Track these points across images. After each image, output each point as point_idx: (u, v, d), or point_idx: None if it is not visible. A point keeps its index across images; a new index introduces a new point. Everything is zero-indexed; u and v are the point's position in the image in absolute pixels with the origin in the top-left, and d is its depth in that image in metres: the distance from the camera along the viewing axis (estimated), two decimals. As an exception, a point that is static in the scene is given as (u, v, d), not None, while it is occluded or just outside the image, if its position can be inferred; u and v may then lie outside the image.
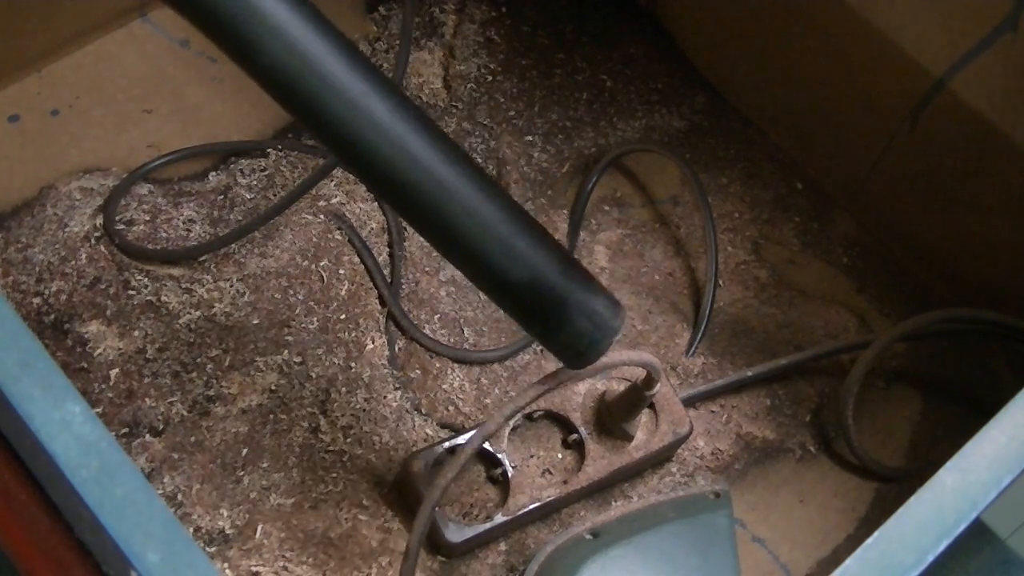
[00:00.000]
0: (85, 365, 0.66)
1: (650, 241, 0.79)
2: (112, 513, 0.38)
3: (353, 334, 0.71)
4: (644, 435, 0.67)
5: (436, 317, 0.73)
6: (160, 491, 0.62)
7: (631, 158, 0.82)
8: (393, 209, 0.47)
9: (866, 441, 0.72)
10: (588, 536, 0.64)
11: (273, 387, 0.68)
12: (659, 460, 0.69)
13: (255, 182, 0.75)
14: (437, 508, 0.61)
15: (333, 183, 0.76)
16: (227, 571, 0.61)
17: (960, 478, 0.44)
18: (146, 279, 0.69)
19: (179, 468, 0.63)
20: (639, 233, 0.80)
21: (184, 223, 0.72)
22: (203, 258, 0.70)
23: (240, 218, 0.74)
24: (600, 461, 0.66)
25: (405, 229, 0.76)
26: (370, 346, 0.72)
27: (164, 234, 0.71)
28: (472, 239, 0.46)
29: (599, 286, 0.49)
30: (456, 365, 0.72)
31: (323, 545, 0.64)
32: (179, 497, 0.63)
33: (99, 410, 0.64)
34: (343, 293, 0.72)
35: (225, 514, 0.63)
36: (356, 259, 0.74)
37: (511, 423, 0.66)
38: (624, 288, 0.77)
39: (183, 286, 0.69)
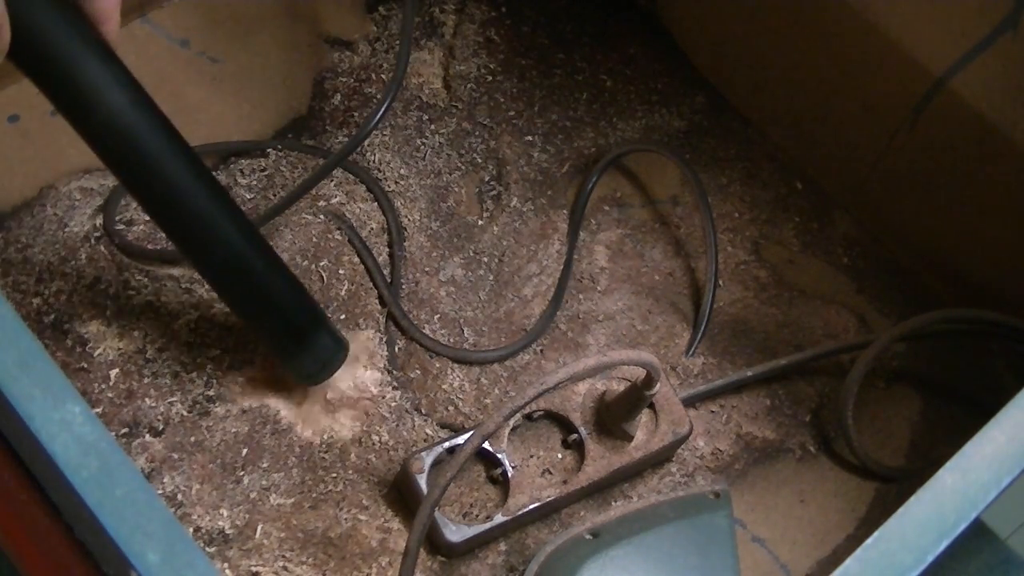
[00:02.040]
0: (85, 365, 0.66)
1: (650, 241, 0.79)
2: (112, 513, 0.38)
3: (353, 334, 0.71)
4: (644, 435, 0.67)
5: (436, 317, 0.73)
6: (160, 491, 0.62)
7: (631, 158, 0.82)
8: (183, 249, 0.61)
9: (866, 441, 0.72)
10: (588, 536, 0.64)
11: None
12: (659, 460, 0.70)
13: (255, 182, 0.75)
14: (437, 508, 0.61)
15: (333, 183, 0.76)
16: (227, 571, 0.61)
17: (960, 478, 0.44)
18: (146, 279, 0.69)
19: (179, 468, 0.63)
20: (639, 233, 0.80)
21: (184, 223, 0.72)
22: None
23: (240, 218, 0.74)
24: (600, 461, 0.66)
25: (405, 229, 0.76)
26: (370, 346, 0.72)
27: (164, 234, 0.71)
28: (248, 286, 0.60)
29: (331, 324, 0.65)
30: (456, 365, 0.72)
31: (323, 545, 0.64)
32: (179, 497, 0.63)
33: (99, 410, 0.64)
34: (343, 293, 0.72)
35: (225, 514, 0.63)
36: (356, 259, 0.74)
37: (511, 423, 0.66)
38: (624, 288, 0.77)
39: (183, 286, 0.69)
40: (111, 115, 0.52)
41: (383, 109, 0.70)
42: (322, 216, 0.74)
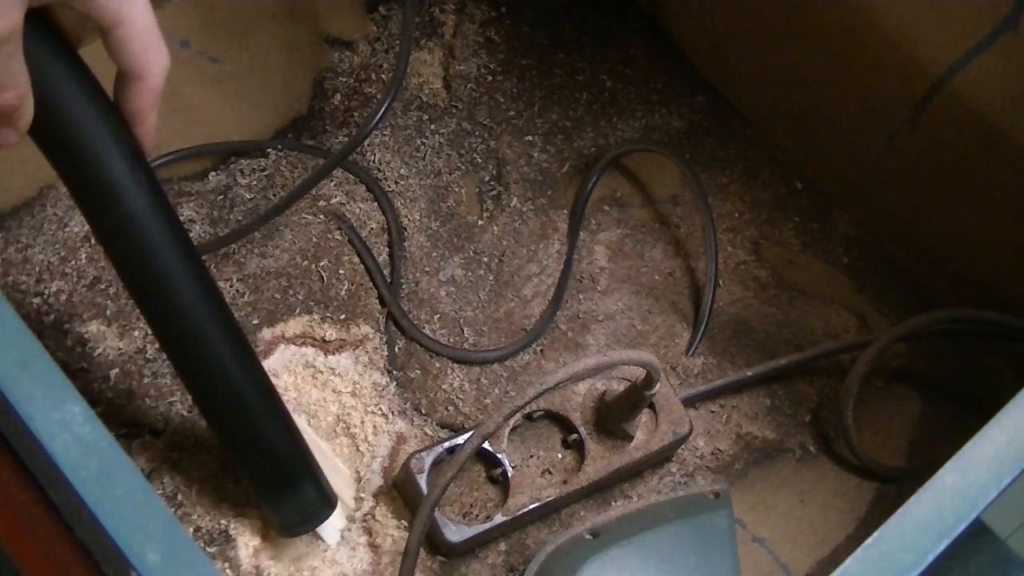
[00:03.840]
0: (85, 365, 0.66)
1: (650, 241, 0.79)
2: (112, 513, 0.38)
3: (353, 334, 0.71)
4: (644, 435, 0.67)
5: (436, 317, 0.73)
6: (160, 491, 0.62)
7: (631, 158, 0.82)
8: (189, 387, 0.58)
9: (866, 441, 0.72)
10: (588, 536, 0.64)
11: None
12: (659, 460, 0.70)
13: (255, 182, 0.75)
14: (437, 508, 0.61)
15: (333, 183, 0.76)
16: (227, 571, 0.61)
17: (960, 478, 0.44)
18: (146, 279, 0.69)
19: (179, 468, 0.63)
20: (639, 233, 0.80)
21: (184, 223, 0.72)
22: (203, 258, 0.70)
23: (240, 218, 0.74)
24: (600, 461, 0.66)
25: (405, 229, 0.76)
26: (370, 346, 0.72)
27: (164, 234, 0.71)
28: (240, 425, 0.57)
29: (322, 476, 0.61)
30: (456, 365, 0.72)
31: (323, 545, 0.64)
32: (179, 497, 0.63)
33: (99, 410, 0.64)
34: (343, 293, 0.72)
35: (225, 514, 0.63)
36: (356, 259, 0.74)
37: (511, 423, 0.66)
38: (624, 288, 0.77)
39: (183, 286, 0.69)
40: (126, 219, 0.50)
41: (383, 109, 0.70)
42: (322, 216, 0.74)
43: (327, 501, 0.61)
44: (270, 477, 0.58)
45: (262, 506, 0.61)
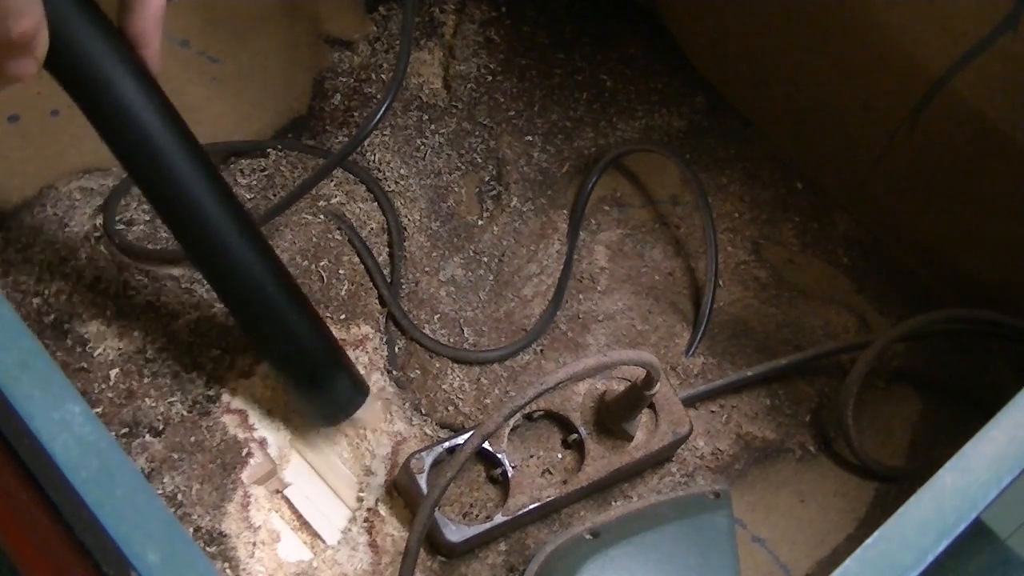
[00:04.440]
0: (85, 365, 0.66)
1: (650, 241, 0.79)
2: (112, 513, 0.38)
3: (353, 334, 0.71)
4: (644, 435, 0.67)
5: (436, 317, 0.73)
6: (160, 491, 0.62)
7: (631, 158, 0.82)
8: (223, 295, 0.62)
9: (866, 441, 0.72)
10: (588, 536, 0.64)
11: (273, 387, 0.68)
12: (659, 460, 0.70)
13: (255, 182, 0.75)
14: (437, 508, 0.61)
15: (333, 183, 0.76)
16: (227, 571, 0.61)
17: (960, 478, 0.44)
18: (146, 279, 0.69)
19: (179, 468, 0.63)
20: (639, 233, 0.80)
21: (184, 223, 0.72)
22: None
23: (240, 218, 0.74)
24: (600, 461, 0.66)
25: (404, 229, 0.76)
26: (370, 346, 0.72)
27: (164, 234, 0.71)
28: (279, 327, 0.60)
29: (352, 366, 0.65)
30: (456, 365, 0.72)
31: (323, 545, 0.64)
32: (179, 497, 0.63)
33: (99, 410, 0.64)
34: (343, 293, 0.72)
35: (225, 514, 0.63)
36: (356, 259, 0.74)
37: (511, 423, 0.66)
38: (624, 288, 0.77)
39: (183, 286, 0.69)
40: (143, 136, 0.53)
41: (383, 109, 0.70)
42: (322, 216, 0.74)
43: (361, 388, 0.65)
44: (305, 373, 0.62)
45: (301, 400, 0.64)
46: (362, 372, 0.69)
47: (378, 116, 0.70)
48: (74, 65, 0.51)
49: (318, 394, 0.63)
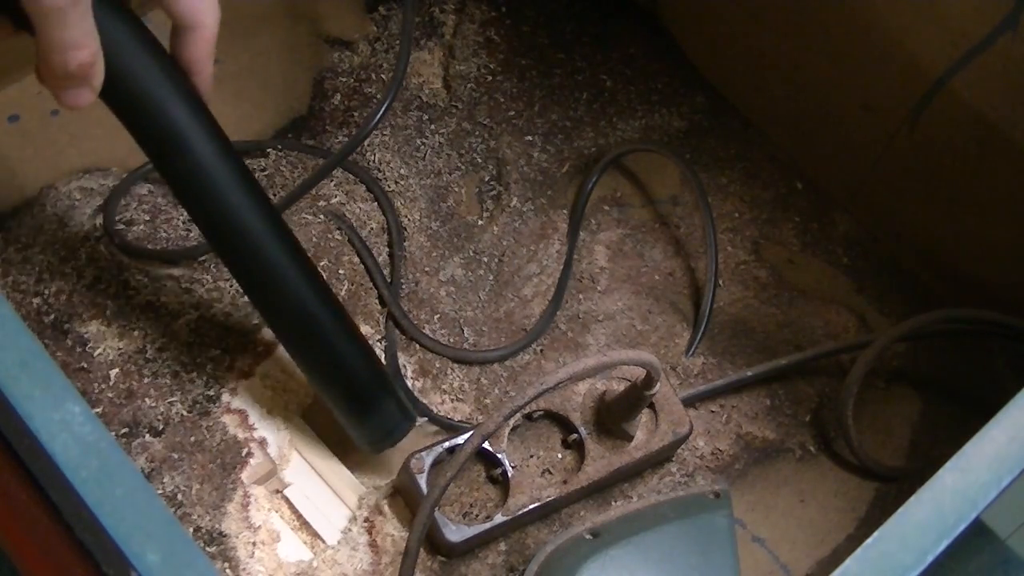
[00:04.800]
0: (85, 365, 0.66)
1: (650, 241, 0.79)
2: (112, 513, 0.38)
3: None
4: (644, 435, 0.67)
5: (436, 317, 0.73)
6: (160, 491, 0.62)
7: (631, 158, 0.82)
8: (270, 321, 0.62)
9: (866, 441, 0.72)
10: (588, 536, 0.64)
11: (273, 387, 0.68)
12: (659, 460, 0.70)
13: (255, 182, 0.75)
14: (437, 508, 0.61)
15: (333, 183, 0.76)
16: (227, 571, 0.61)
17: (960, 478, 0.44)
18: (146, 279, 0.69)
19: (179, 468, 0.63)
20: (639, 233, 0.80)
21: (184, 223, 0.72)
22: (203, 258, 0.70)
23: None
24: (600, 461, 0.66)
25: (405, 229, 0.76)
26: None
27: (164, 234, 0.71)
28: (327, 354, 0.60)
29: (402, 394, 0.65)
30: (456, 365, 0.72)
31: (323, 545, 0.64)
32: (179, 497, 0.63)
33: (99, 410, 0.64)
34: (343, 293, 0.72)
35: (225, 514, 0.63)
36: (356, 259, 0.74)
37: (511, 423, 0.66)
38: (624, 288, 0.77)
39: (183, 286, 0.69)
40: (195, 163, 0.54)
41: (383, 109, 0.70)
42: (322, 216, 0.74)
43: (408, 415, 0.64)
44: (353, 398, 0.62)
45: (348, 426, 0.64)
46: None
47: (378, 116, 0.70)
48: (129, 94, 0.52)
49: (365, 421, 0.63)
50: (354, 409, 0.62)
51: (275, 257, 0.57)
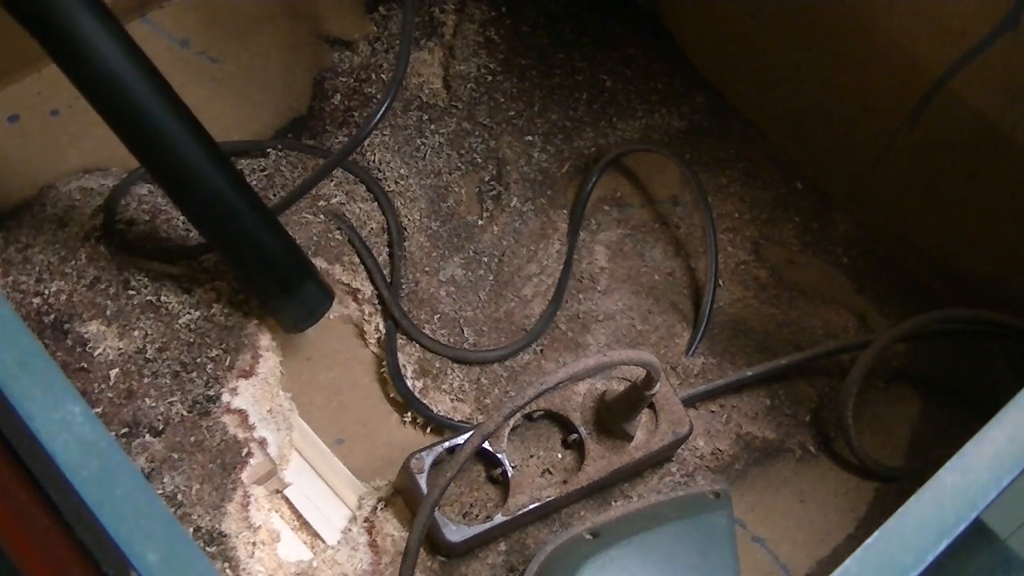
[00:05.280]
0: (85, 365, 0.66)
1: (650, 241, 0.79)
2: (112, 513, 0.38)
3: (353, 334, 0.71)
4: (644, 435, 0.67)
5: (436, 317, 0.73)
6: (160, 491, 0.62)
7: (631, 158, 0.82)
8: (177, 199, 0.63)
9: (866, 441, 0.72)
10: (588, 536, 0.64)
11: (273, 387, 0.68)
12: (659, 460, 0.70)
13: (255, 182, 0.75)
14: (437, 508, 0.61)
15: (333, 183, 0.76)
16: (227, 571, 0.61)
17: (960, 478, 0.44)
18: (146, 279, 0.69)
19: (179, 468, 0.63)
20: (639, 233, 0.80)
21: (184, 223, 0.72)
22: (203, 258, 0.70)
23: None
24: (600, 461, 0.66)
25: (405, 229, 0.76)
26: (370, 346, 0.72)
27: (164, 234, 0.71)
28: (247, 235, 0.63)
29: (318, 273, 0.67)
30: (456, 365, 0.72)
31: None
32: (179, 497, 0.63)
33: (99, 410, 0.64)
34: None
35: (225, 514, 0.63)
36: (356, 259, 0.74)
37: (511, 423, 0.66)
38: (624, 288, 0.77)
39: (183, 286, 0.69)
40: (103, 66, 0.55)
41: (383, 109, 0.70)
42: (322, 216, 0.74)
43: (327, 293, 0.67)
44: (276, 281, 0.65)
45: (273, 309, 0.67)
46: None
47: (378, 116, 0.70)
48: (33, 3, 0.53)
49: (289, 302, 0.66)
50: (278, 291, 0.65)
51: (191, 155, 0.59)
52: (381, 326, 0.72)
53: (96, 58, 0.54)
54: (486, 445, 0.64)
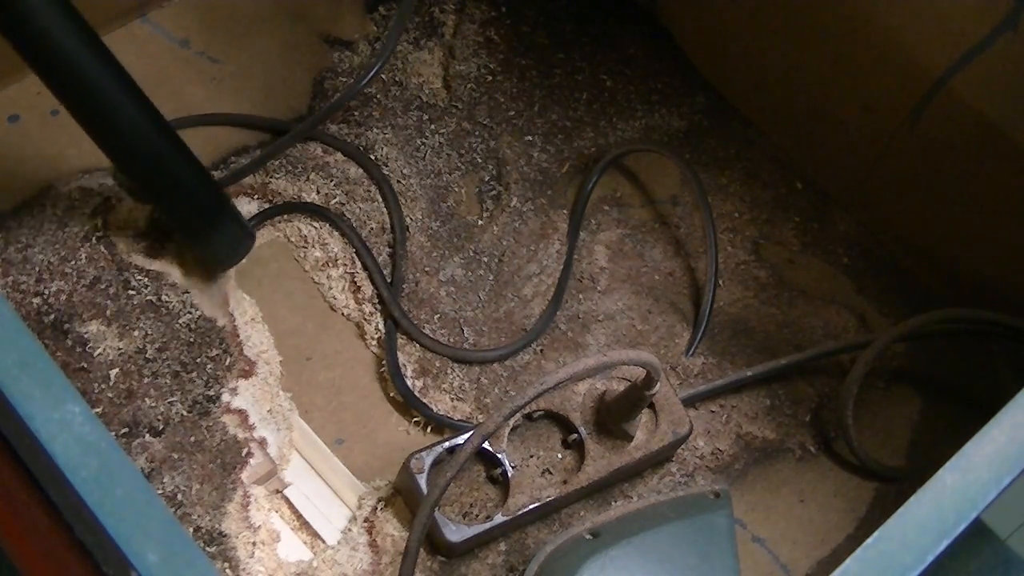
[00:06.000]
0: (85, 365, 0.66)
1: (650, 241, 0.79)
2: (112, 513, 0.38)
3: (353, 334, 0.71)
4: (644, 435, 0.67)
5: (436, 317, 0.73)
6: (160, 491, 0.62)
7: (631, 158, 0.82)
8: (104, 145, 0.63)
9: (866, 441, 0.72)
10: (588, 536, 0.64)
11: (273, 387, 0.68)
12: (659, 460, 0.69)
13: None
14: (437, 508, 0.61)
15: (333, 183, 0.76)
16: (227, 571, 0.61)
17: (960, 478, 0.44)
18: (146, 279, 0.69)
19: (179, 468, 0.63)
20: (639, 233, 0.80)
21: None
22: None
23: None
24: (600, 461, 0.66)
25: (407, 229, 0.76)
26: (370, 346, 0.72)
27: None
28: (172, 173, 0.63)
29: (239, 214, 0.68)
30: (456, 365, 0.72)
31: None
32: (179, 497, 0.63)
33: (99, 410, 0.64)
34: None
35: (225, 514, 0.63)
36: (356, 259, 0.74)
37: (511, 423, 0.66)
38: (624, 288, 0.77)
39: (183, 286, 0.69)
40: (26, 9, 0.54)
41: (371, 74, 0.73)
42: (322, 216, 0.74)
43: (248, 232, 0.69)
44: (198, 219, 0.65)
45: (197, 247, 0.68)
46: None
47: (364, 83, 0.72)
48: None
49: (212, 239, 0.67)
50: (200, 229, 0.66)
51: (105, 85, 0.58)
52: (381, 326, 0.72)
53: None
54: (486, 445, 0.64)
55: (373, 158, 0.78)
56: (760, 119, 0.84)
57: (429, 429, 0.70)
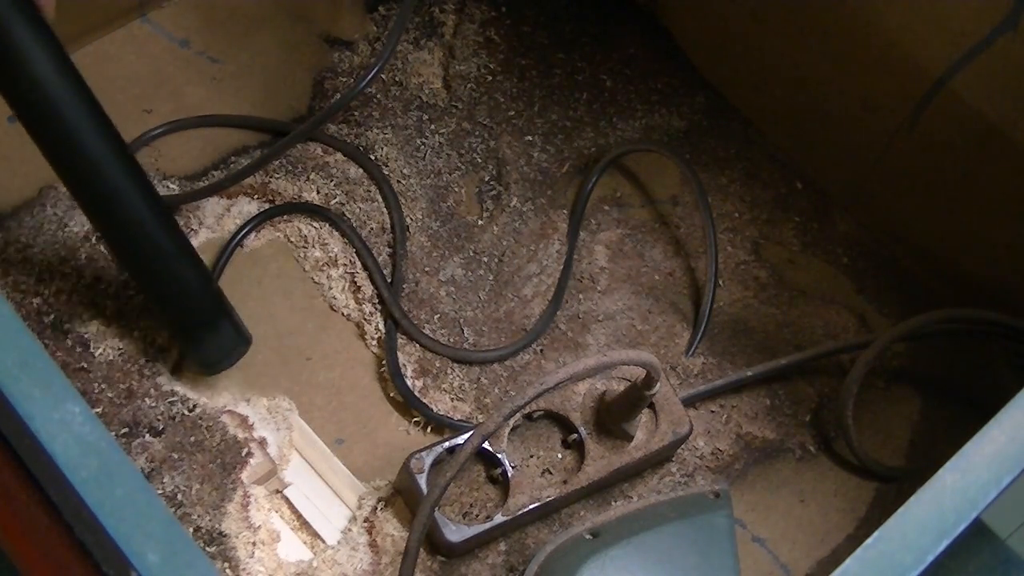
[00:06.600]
0: (85, 365, 0.66)
1: (650, 241, 0.79)
2: (112, 513, 0.38)
3: (353, 334, 0.71)
4: (644, 435, 0.67)
5: (436, 317, 0.73)
6: (160, 491, 0.62)
7: (631, 158, 0.82)
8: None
9: (866, 441, 0.72)
10: (588, 536, 0.64)
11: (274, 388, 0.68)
12: (659, 460, 0.70)
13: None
14: (437, 508, 0.61)
15: (333, 183, 0.76)
16: (227, 571, 0.61)
17: (960, 478, 0.44)
18: (146, 279, 0.69)
19: (179, 468, 0.63)
20: (639, 233, 0.80)
21: (184, 223, 0.72)
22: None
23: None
24: (600, 461, 0.66)
25: (407, 229, 0.76)
26: (370, 346, 0.72)
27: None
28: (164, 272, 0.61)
29: (236, 316, 0.65)
30: (456, 365, 0.72)
31: (323, 545, 0.64)
32: (179, 497, 0.63)
33: (99, 410, 0.64)
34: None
35: (225, 514, 0.63)
36: (356, 259, 0.74)
37: (511, 423, 0.66)
38: (624, 288, 0.77)
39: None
40: (35, 84, 0.53)
41: (371, 75, 0.72)
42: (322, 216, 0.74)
43: (244, 337, 0.65)
44: (190, 319, 0.63)
45: (187, 348, 0.65)
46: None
47: (363, 83, 0.71)
48: None
49: (204, 342, 0.64)
50: (193, 330, 0.63)
51: (112, 173, 0.57)
52: (381, 326, 0.72)
53: (30, 79, 0.53)
54: (486, 445, 0.64)
55: (373, 158, 0.78)
56: (760, 119, 0.84)
57: (429, 429, 0.70)
